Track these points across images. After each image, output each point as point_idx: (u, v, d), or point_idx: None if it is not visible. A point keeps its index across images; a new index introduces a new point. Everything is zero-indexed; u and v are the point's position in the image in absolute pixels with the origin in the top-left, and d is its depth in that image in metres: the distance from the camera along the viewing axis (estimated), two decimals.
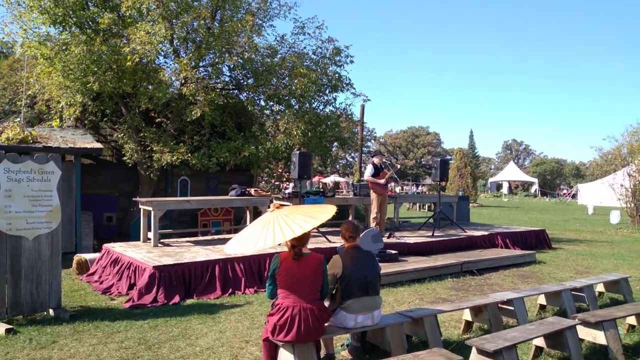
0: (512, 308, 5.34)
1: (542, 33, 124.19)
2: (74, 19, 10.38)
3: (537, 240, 11.99)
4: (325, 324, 3.98)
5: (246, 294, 6.98)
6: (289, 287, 3.82)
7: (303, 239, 3.82)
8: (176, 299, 6.50)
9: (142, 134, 11.09)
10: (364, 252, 4.34)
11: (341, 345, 4.83)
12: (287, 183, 17.43)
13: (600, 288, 6.88)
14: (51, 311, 5.81)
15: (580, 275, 8.53)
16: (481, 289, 7.57)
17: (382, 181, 10.01)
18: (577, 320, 4.68)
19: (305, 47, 12.71)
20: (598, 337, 4.68)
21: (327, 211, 3.78)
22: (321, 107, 12.77)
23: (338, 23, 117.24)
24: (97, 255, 8.39)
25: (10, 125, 10.04)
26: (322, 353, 4.26)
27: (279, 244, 3.85)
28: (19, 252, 5.54)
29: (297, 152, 9.20)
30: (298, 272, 3.83)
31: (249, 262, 7.38)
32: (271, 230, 3.55)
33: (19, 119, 10.90)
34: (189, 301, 6.56)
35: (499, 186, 62.13)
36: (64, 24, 10.43)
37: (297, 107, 11.95)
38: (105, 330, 5.26)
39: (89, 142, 10.65)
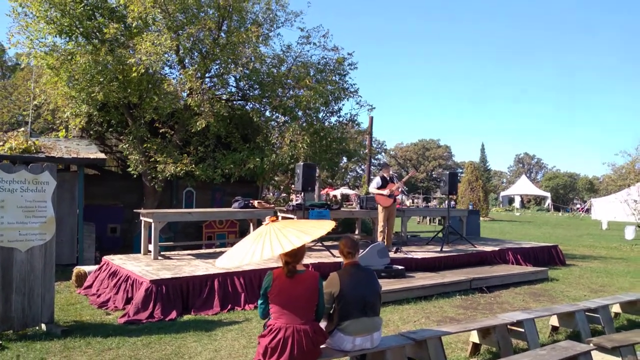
0: (523, 330, 5.05)
1: (552, 45, 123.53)
2: (80, 29, 10.34)
3: (549, 257, 11.62)
4: (321, 347, 3.74)
5: (246, 309, 6.75)
6: (282, 306, 3.58)
7: (297, 255, 3.60)
8: (173, 314, 6.29)
9: (146, 145, 10.98)
10: (364, 269, 4.10)
11: None
12: (296, 195, 17.22)
13: (616, 309, 6.54)
14: (43, 326, 5.62)
15: (595, 294, 8.18)
16: (491, 307, 7.26)
17: (386, 192, 9.75)
18: (591, 345, 4.39)
19: (311, 57, 12.61)
20: None
21: (322, 227, 3.55)
22: (326, 117, 12.61)
23: (347, 33, 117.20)
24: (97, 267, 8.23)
25: (14, 135, 9.99)
26: None
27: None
28: (10, 265, 5.37)
29: (302, 163, 9.01)
30: (292, 290, 3.59)
31: (250, 277, 7.15)
32: (260, 245, 3.35)
33: (23, 129, 10.86)
34: (186, 317, 6.34)
35: (510, 200, 61.40)
36: (70, 34, 10.40)
37: (303, 118, 11.78)
38: (97, 347, 5.06)
39: (92, 152, 10.56)
